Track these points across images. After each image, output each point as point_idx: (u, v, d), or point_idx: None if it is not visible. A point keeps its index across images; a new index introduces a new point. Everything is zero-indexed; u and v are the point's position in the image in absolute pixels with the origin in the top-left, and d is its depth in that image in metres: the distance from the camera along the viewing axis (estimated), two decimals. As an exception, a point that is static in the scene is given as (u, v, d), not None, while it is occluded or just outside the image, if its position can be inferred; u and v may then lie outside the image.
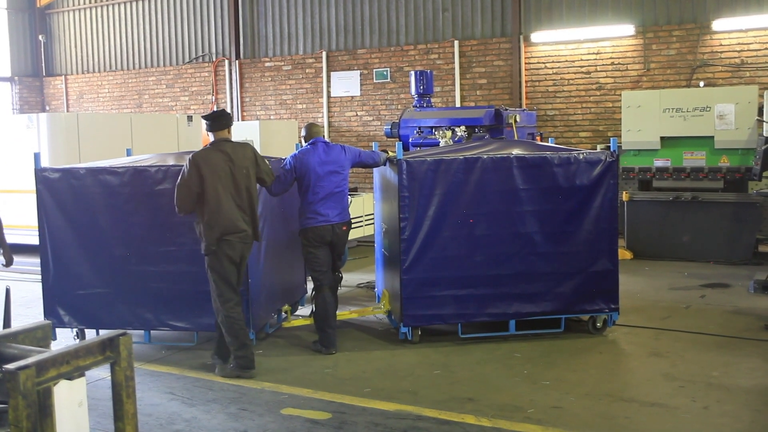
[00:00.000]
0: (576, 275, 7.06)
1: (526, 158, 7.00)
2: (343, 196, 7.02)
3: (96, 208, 7.01)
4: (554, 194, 7.01)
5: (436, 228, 6.94)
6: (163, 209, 6.78)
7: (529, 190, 6.98)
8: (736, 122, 10.38)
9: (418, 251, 6.93)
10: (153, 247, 6.93)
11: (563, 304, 7.09)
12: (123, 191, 6.94)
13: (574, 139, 13.87)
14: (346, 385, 6.01)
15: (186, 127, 13.64)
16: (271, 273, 7.35)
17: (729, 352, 6.63)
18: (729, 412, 5.28)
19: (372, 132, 15.81)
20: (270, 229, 7.29)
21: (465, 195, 6.94)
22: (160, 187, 6.82)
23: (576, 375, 6.12)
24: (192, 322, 6.99)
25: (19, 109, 19.70)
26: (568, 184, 7.00)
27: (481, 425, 5.12)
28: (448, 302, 7.00)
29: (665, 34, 13.04)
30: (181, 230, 6.81)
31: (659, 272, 10.06)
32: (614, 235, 7.16)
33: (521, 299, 7.04)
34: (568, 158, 7.01)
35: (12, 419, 2.73)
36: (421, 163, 6.93)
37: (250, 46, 17.26)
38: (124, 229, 6.99)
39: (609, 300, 7.14)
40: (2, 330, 3.58)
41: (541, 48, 14.07)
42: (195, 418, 5.40)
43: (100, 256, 7.06)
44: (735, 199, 10.52)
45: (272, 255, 7.36)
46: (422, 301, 6.98)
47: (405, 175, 6.89)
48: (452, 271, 6.98)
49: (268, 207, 7.25)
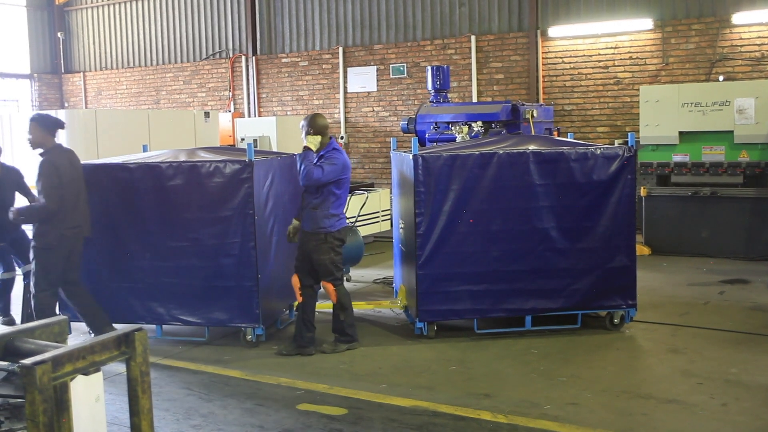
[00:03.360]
0: (593, 271, 7.02)
1: (542, 153, 6.96)
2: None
3: (110, 204, 7.08)
4: (571, 190, 6.97)
5: (451, 223, 6.92)
6: (175, 205, 6.89)
7: (545, 186, 6.94)
8: (756, 117, 10.27)
9: (433, 246, 6.92)
10: (165, 242, 6.97)
11: (580, 300, 7.06)
12: (136, 187, 7.00)
13: (592, 134, 13.78)
14: (362, 380, 6.02)
15: (203, 123, 13.69)
16: (282, 268, 7.37)
17: (748, 348, 6.57)
18: (747, 409, 5.23)
19: (389, 128, 15.79)
20: (281, 225, 7.33)
21: (481, 190, 6.92)
22: (172, 183, 6.90)
23: (593, 371, 6.09)
24: (203, 317, 7.03)
25: (39, 106, 19.84)
26: (585, 179, 6.95)
27: (497, 421, 5.10)
28: (463, 297, 6.99)
29: (684, 28, 12.92)
30: (193, 226, 6.88)
31: (677, 268, 9.99)
32: (632, 231, 7.11)
33: (537, 295, 7.01)
34: (585, 153, 6.96)
35: (29, 414, 2.75)
36: (437, 158, 6.92)
37: (267, 42, 17.29)
38: (138, 225, 7.04)
39: (626, 296, 7.10)
40: (19, 325, 3.61)
41: (559, 42, 13.99)
42: (211, 414, 5.42)
43: (113, 252, 7.12)
44: (755, 195, 10.41)
45: (283, 250, 7.38)
46: (438, 296, 6.97)
47: (421, 171, 6.88)
48: (468, 267, 6.96)
49: (280, 204, 7.31)
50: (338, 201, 6.77)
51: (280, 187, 7.45)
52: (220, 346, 7.01)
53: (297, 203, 7.54)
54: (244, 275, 6.82)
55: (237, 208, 6.76)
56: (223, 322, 6.95)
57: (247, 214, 6.76)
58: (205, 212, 6.85)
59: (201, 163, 6.88)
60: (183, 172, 6.86)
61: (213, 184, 6.81)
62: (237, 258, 6.82)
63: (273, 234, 7.20)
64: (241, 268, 6.82)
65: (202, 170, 6.84)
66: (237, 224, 6.78)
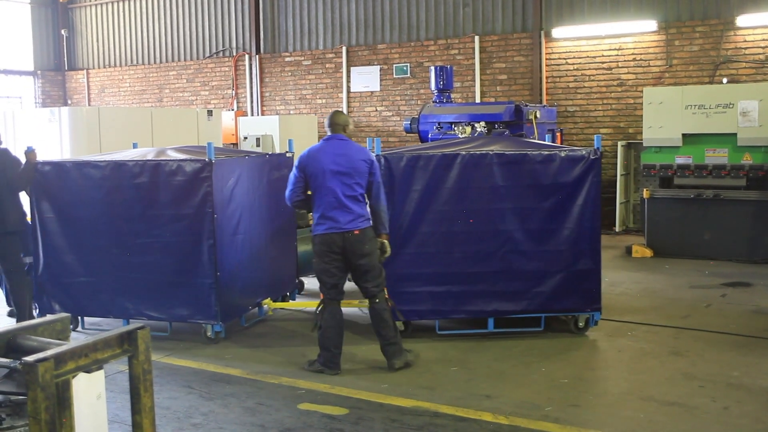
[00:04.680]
0: (557, 274, 6.95)
1: (505, 155, 6.94)
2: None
3: (81, 200, 7.30)
4: (535, 192, 6.93)
5: (414, 224, 6.91)
6: (141, 202, 7.09)
7: (509, 188, 6.92)
8: (759, 119, 10.26)
9: (396, 247, 6.89)
10: (131, 238, 7.16)
11: (543, 302, 7.01)
12: (105, 184, 7.20)
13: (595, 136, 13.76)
14: (363, 380, 6.01)
15: (206, 121, 13.69)
16: (247, 266, 7.49)
17: (750, 351, 6.56)
18: (749, 412, 5.22)
19: (392, 127, 15.79)
20: (249, 224, 7.49)
21: (444, 191, 6.91)
22: (138, 180, 7.08)
23: (594, 373, 6.08)
24: (166, 312, 7.18)
25: (42, 103, 19.87)
26: (550, 181, 6.90)
27: (498, 423, 5.10)
28: (425, 298, 6.97)
29: (688, 30, 12.91)
30: (156, 223, 7.07)
31: (680, 270, 9.97)
32: (597, 234, 7.03)
33: (500, 297, 7.00)
34: (550, 155, 6.91)
35: (31, 411, 2.76)
36: (399, 159, 6.93)
37: (270, 41, 17.29)
38: (106, 221, 7.24)
39: (590, 300, 7.03)
40: (22, 322, 3.61)
41: (562, 44, 13.98)
42: (212, 412, 5.42)
43: (84, 247, 7.33)
44: (758, 197, 10.40)
45: (250, 249, 7.53)
46: (399, 296, 6.93)
47: (383, 171, 6.88)
48: (430, 268, 6.94)
49: (247, 203, 7.47)
50: (315, 204, 6.26)
51: (248, 187, 7.55)
52: (228, 346, 7.02)
53: (272, 203, 7.72)
54: (203, 272, 6.95)
55: (197, 206, 6.92)
56: (184, 318, 7.13)
57: (206, 212, 6.89)
58: (168, 209, 7.03)
59: (164, 162, 7.05)
60: (148, 170, 7.05)
61: (175, 183, 6.99)
62: (196, 255, 6.96)
63: (238, 232, 7.31)
64: (201, 265, 6.96)
65: (165, 168, 7.02)
66: (197, 222, 6.93)
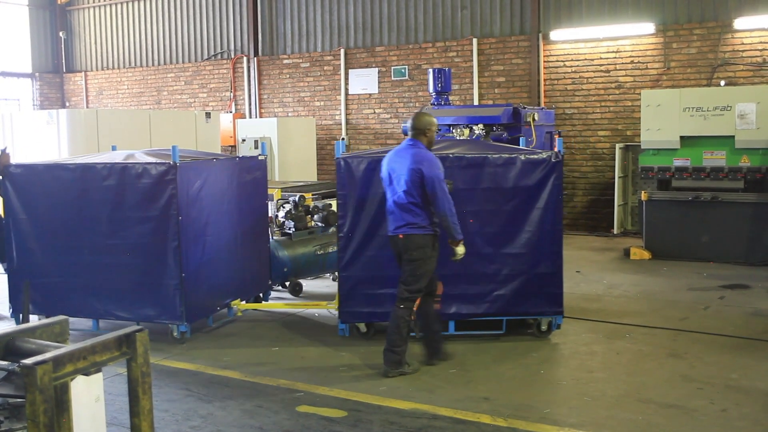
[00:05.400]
0: (518, 277, 6.95)
1: (465, 158, 6.95)
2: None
3: (53, 202, 7.42)
4: (496, 195, 6.94)
5: (374, 227, 6.93)
6: (109, 204, 7.21)
7: (469, 191, 6.92)
8: (757, 122, 10.27)
9: (355, 249, 6.98)
10: (101, 239, 7.29)
11: (504, 305, 7.02)
12: (74, 186, 7.34)
13: (593, 138, 13.79)
14: (361, 383, 6.01)
15: (204, 124, 13.69)
16: (215, 268, 7.58)
17: (748, 354, 6.57)
18: (748, 415, 5.22)
19: (389, 129, 15.80)
20: (218, 226, 7.60)
21: None
22: (106, 183, 7.22)
23: (592, 375, 6.08)
24: (133, 312, 7.28)
25: (40, 105, 19.86)
26: (510, 184, 6.90)
27: (496, 425, 5.10)
28: (386, 300, 6.92)
29: (686, 33, 12.92)
30: (124, 224, 7.19)
31: (678, 273, 9.98)
32: (558, 237, 7.03)
33: (461, 300, 7.01)
34: (510, 159, 6.91)
35: (29, 414, 2.75)
36: (359, 162, 6.96)
37: (269, 43, 17.29)
38: (77, 223, 7.36)
39: (553, 303, 7.03)
40: (20, 325, 3.60)
41: (560, 46, 13.99)
42: (211, 415, 5.41)
43: (56, 248, 7.45)
44: (755, 200, 10.41)
45: (218, 250, 7.64)
46: (359, 298, 7.01)
47: (342, 174, 6.95)
48: (390, 270, 6.86)
49: (215, 205, 7.59)
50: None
51: (216, 189, 7.65)
52: (225, 348, 7.02)
53: (243, 205, 7.86)
54: (169, 274, 7.07)
55: (162, 208, 7.03)
56: (150, 318, 7.22)
57: (171, 215, 7.00)
58: (135, 212, 7.15)
59: (131, 165, 7.19)
60: (115, 173, 7.19)
61: (142, 185, 7.11)
62: (162, 257, 7.08)
63: (206, 234, 7.42)
64: (166, 266, 7.08)
65: (132, 171, 7.15)
66: (162, 224, 7.05)
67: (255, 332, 7.62)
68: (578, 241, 12.88)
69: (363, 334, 7.16)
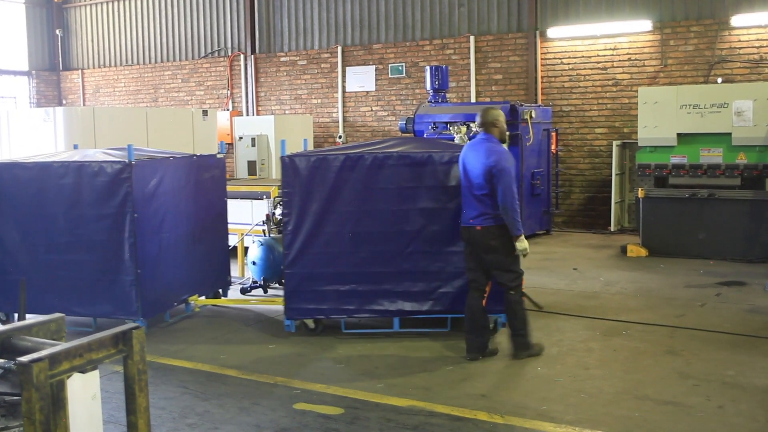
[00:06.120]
0: (462, 275, 6.91)
1: (410, 156, 6.99)
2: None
3: (12, 201, 7.55)
4: (440, 192, 6.96)
5: (319, 224, 7.01)
6: (66, 201, 7.34)
7: (413, 188, 6.96)
8: (754, 119, 10.28)
9: (301, 246, 7.04)
10: (58, 237, 7.41)
11: (449, 303, 7.04)
12: (33, 185, 7.46)
13: (590, 135, 13.80)
14: (358, 380, 6.01)
15: (201, 121, 13.67)
16: (171, 264, 7.70)
17: (744, 350, 6.58)
18: (744, 411, 5.23)
19: (387, 127, 15.79)
20: (175, 223, 7.71)
21: (348, 192, 6.98)
22: (63, 181, 7.33)
23: (589, 372, 6.09)
24: (90, 309, 7.40)
25: (36, 103, 19.83)
26: (455, 182, 6.88)
27: (493, 422, 5.10)
28: (331, 297, 7.06)
29: (683, 30, 12.93)
30: (81, 222, 7.31)
31: (674, 270, 9.99)
32: None
33: (405, 297, 7.05)
34: (454, 157, 6.90)
35: (25, 412, 2.75)
36: (304, 159, 7.04)
37: (266, 41, 17.28)
38: (35, 220, 7.48)
39: (497, 301, 6.94)
40: (17, 322, 3.60)
41: (558, 43, 13.99)
42: (208, 412, 5.41)
43: (15, 245, 7.58)
44: (752, 197, 10.42)
45: (174, 247, 7.76)
46: (305, 295, 7.08)
47: (288, 172, 7.02)
48: (335, 267, 7.02)
49: (173, 202, 7.69)
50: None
51: (173, 187, 7.74)
52: (224, 345, 7.01)
53: (202, 202, 8.03)
54: (125, 270, 7.20)
55: (118, 205, 7.17)
56: (107, 314, 7.33)
57: (126, 212, 7.14)
58: (92, 209, 7.28)
59: (87, 163, 7.30)
60: (72, 171, 7.31)
61: (98, 183, 7.23)
62: (118, 253, 7.20)
63: (162, 231, 7.54)
64: (122, 263, 7.20)
65: (88, 170, 7.27)
66: (118, 221, 7.18)
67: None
68: (575, 238, 12.89)
69: (312, 330, 7.24)
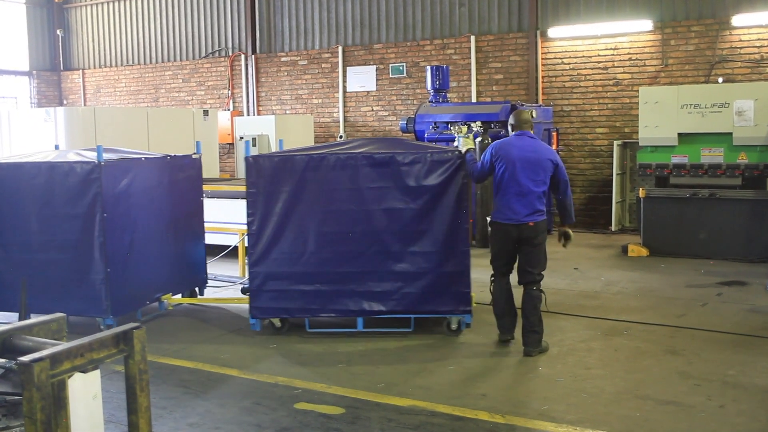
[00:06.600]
0: (425, 275, 6.97)
1: (373, 157, 7.01)
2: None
3: None
4: (403, 193, 6.99)
5: (283, 224, 7.06)
6: (39, 201, 7.44)
7: (377, 189, 7.00)
8: (755, 119, 10.28)
9: (265, 246, 7.09)
10: (31, 236, 7.53)
11: (412, 303, 7.06)
12: (6, 185, 7.60)
13: (591, 135, 13.79)
14: (359, 380, 6.01)
15: (202, 121, 13.68)
16: (143, 263, 7.76)
17: (745, 350, 6.57)
18: (745, 411, 5.23)
19: (388, 127, 15.79)
20: (145, 221, 7.77)
21: (312, 192, 7.02)
22: (35, 181, 7.44)
23: (590, 372, 6.09)
24: (62, 307, 7.37)
25: (37, 103, 19.83)
26: (417, 183, 6.94)
27: (494, 422, 5.10)
28: (294, 297, 7.11)
29: (684, 30, 12.92)
30: (53, 222, 7.40)
31: (675, 269, 9.99)
32: (465, 236, 7.02)
33: (368, 297, 7.07)
34: (416, 157, 6.95)
35: (26, 411, 2.75)
36: (268, 160, 7.12)
37: (267, 41, 17.28)
38: (8, 220, 7.61)
39: (460, 301, 7.02)
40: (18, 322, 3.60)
41: (558, 43, 13.99)
42: (209, 412, 5.41)
43: None
44: (753, 197, 10.41)
45: (147, 246, 7.81)
46: (269, 294, 7.13)
47: (252, 173, 7.06)
48: (299, 267, 7.06)
49: (144, 201, 7.75)
50: (496, 191, 6.67)
51: (146, 187, 7.82)
52: (225, 344, 7.02)
53: (177, 201, 8.07)
54: (95, 269, 7.30)
55: (88, 205, 7.26)
56: (79, 312, 7.40)
57: (96, 212, 7.23)
58: (63, 209, 7.37)
59: (58, 164, 7.39)
60: (44, 171, 7.41)
61: (69, 183, 7.33)
62: (89, 252, 7.29)
63: (133, 231, 7.63)
64: (93, 262, 7.30)
65: (59, 170, 7.37)
66: (89, 221, 7.26)
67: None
68: (576, 238, 12.76)
69: (278, 329, 7.30)
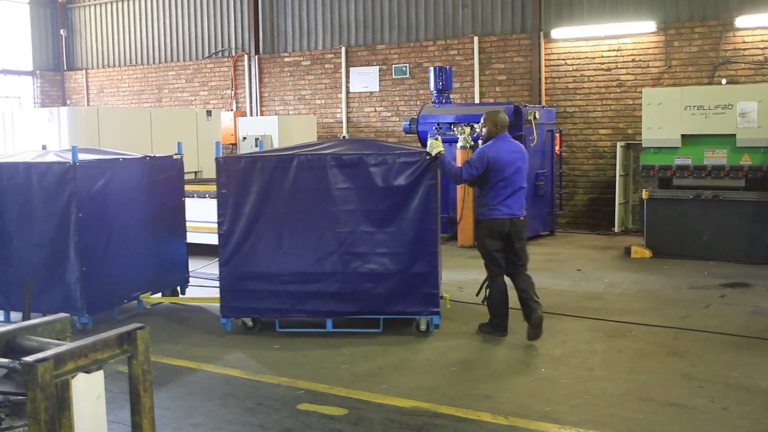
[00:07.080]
0: (393, 276, 6.99)
1: (341, 158, 7.04)
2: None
3: None
4: (371, 194, 7.01)
5: (252, 224, 7.12)
6: (17, 201, 7.54)
7: (346, 190, 7.02)
8: (758, 120, 10.26)
9: (235, 246, 7.16)
10: (9, 235, 7.64)
11: (380, 304, 7.08)
12: None
13: (594, 136, 13.79)
14: (362, 381, 6.01)
15: (205, 122, 13.69)
16: (120, 262, 7.83)
17: (749, 352, 6.57)
18: (748, 413, 5.22)
19: (391, 128, 15.79)
20: (123, 221, 7.83)
21: (281, 192, 7.07)
22: (14, 181, 7.54)
23: (593, 373, 6.08)
24: (39, 305, 7.49)
25: (41, 103, 19.86)
26: (385, 184, 6.97)
27: (497, 423, 5.10)
28: (264, 297, 7.17)
29: (687, 31, 12.91)
30: (30, 221, 7.49)
31: (678, 271, 9.98)
32: (434, 237, 7.04)
33: (337, 298, 7.10)
34: (384, 159, 6.97)
35: (30, 411, 2.75)
36: (237, 160, 7.18)
37: (270, 41, 17.29)
38: None
39: (428, 303, 7.02)
40: (22, 322, 3.61)
41: (562, 44, 13.99)
42: (211, 412, 5.42)
43: None
44: (756, 198, 10.40)
45: (124, 245, 7.87)
46: (239, 294, 7.19)
47: (222, 173, 7.14)
48: (268, 267, 7.12)
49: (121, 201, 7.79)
50: (491, 192, 6.95)
51: (124, 187, 7.88)
52: (226, 345, 7.02)
53: (157, 201, 8.17)
54: (71, 268, 7.39)
55: (64, 205, 7.34)
56: (54, 310, 7.41)
57: (72, 211, 7.31)
58: (40, 209, 7.47)
59: (35, 164, 7.47)
60: (22, 171, 7.50)
61: (45, 184, 7.42)
62: (64, 252, 7.39)
63: (110, 231, 7.69)
64: (68, 261, 7.39)
65: (37, 170, 7.46)
66: (64, 220, 7.35)
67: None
68: (579, 239, 12.88)
69: (250, 329, 7.36)
